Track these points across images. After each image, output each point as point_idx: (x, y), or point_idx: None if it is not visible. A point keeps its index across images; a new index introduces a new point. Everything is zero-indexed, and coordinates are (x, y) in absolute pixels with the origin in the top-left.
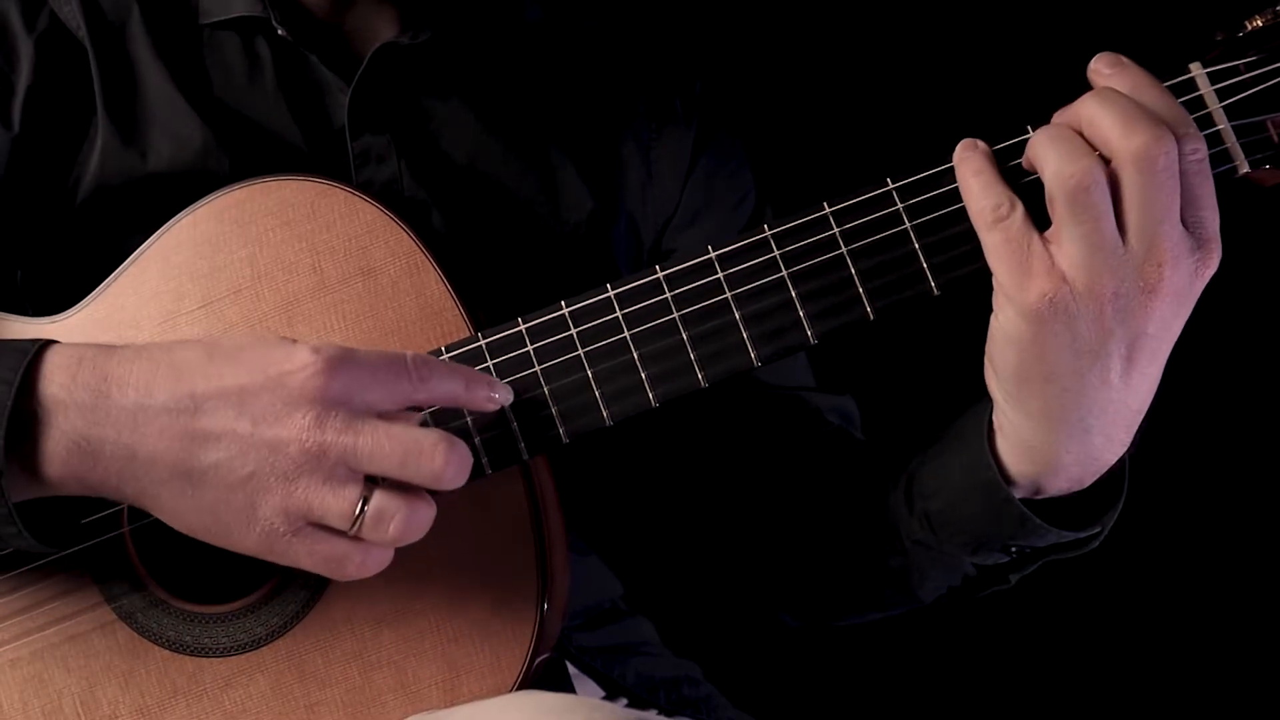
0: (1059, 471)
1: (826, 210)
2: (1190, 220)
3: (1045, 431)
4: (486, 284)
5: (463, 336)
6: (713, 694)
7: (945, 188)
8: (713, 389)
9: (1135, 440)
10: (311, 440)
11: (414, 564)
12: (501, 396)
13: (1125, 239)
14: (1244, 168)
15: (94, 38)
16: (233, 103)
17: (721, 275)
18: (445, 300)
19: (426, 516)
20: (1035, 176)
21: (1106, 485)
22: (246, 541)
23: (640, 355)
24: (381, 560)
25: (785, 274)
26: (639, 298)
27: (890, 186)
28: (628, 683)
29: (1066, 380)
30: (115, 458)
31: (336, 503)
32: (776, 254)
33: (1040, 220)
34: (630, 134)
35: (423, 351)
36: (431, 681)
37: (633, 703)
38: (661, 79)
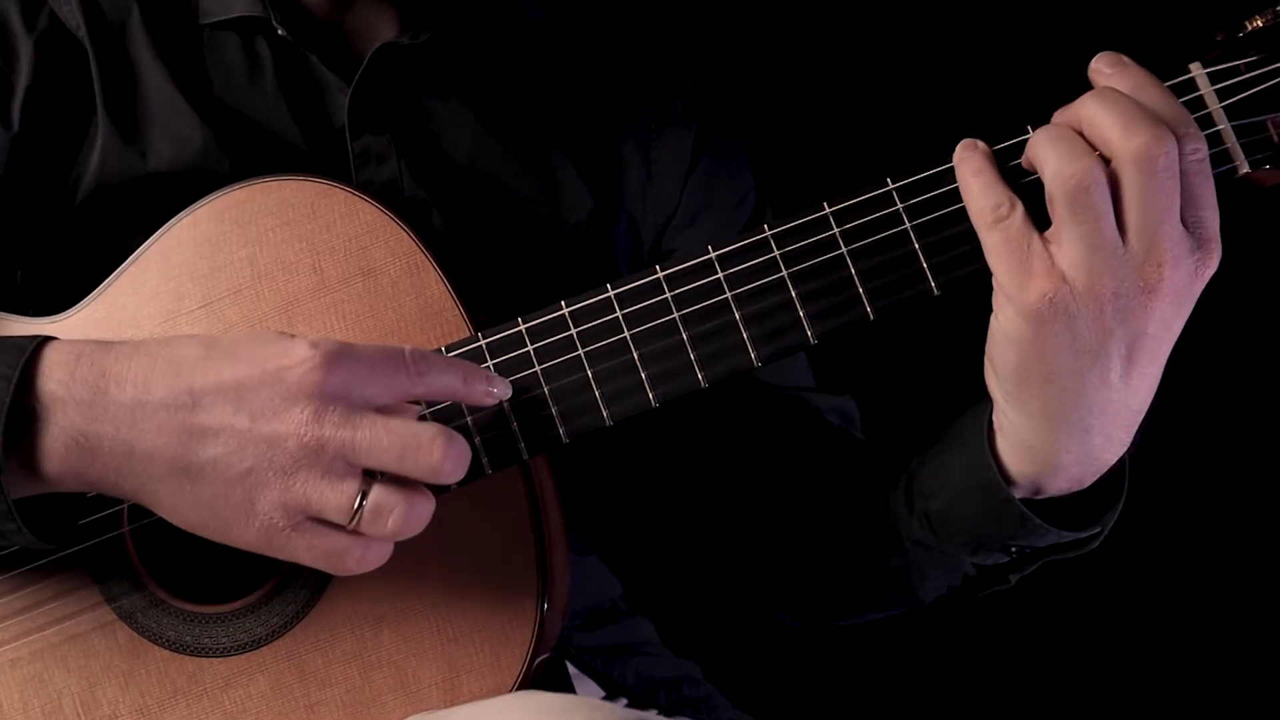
0: (1059, 471)
1: (826, 210)
2: (1190, 220)
3: (1045, 431)
4: (486, 284)
5: (463, 336)
6: (713, 694)
7: (945, 188)
8: (713, 389)
9: (1135, 440)
10: (310, 435)
11: (414, 564)
12: (500, 391)
13: (1125, 239)
14: (1244, 168)
15: (94, 37)
16: (233, 103)
17: (721, 275)
18: (445, 300)
19: (425, 510)
20: (1035, 176)
21: (1106, 485)
22: (245, 536)
23: (640, 355)
24: (381, 555)
25: (785, 274)
26: (639, 298)
27: (890, 186)
28: (628, 683)
29: (1066, 380)
30: (114, 453)
31: (335, 497)
32: (776, 254)
33: (1040, 220)
34: (630, 134)
35: None
36: (431, 681)
37: (633, 703)
38: (661, 79)
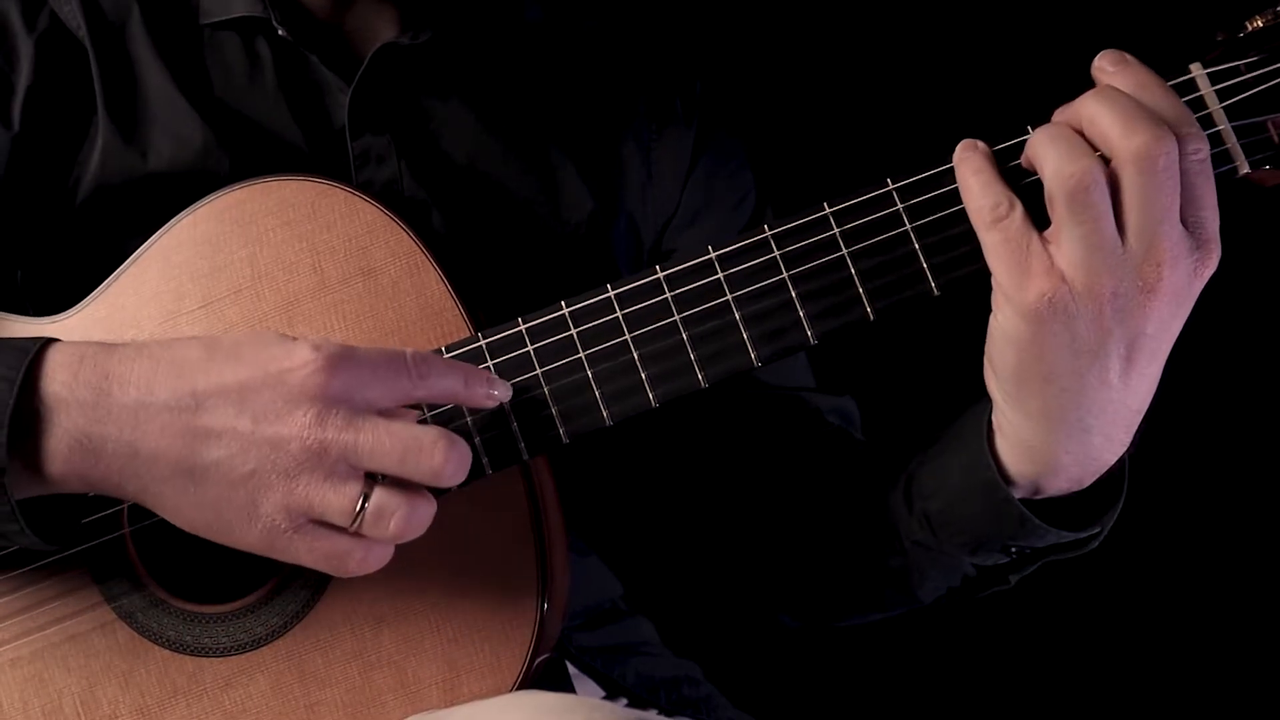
0: (1058, 471)
1: (826, 210)
2: (1190, 220)
3: (1044, 431)
4: (486, 284)
5: (463, 337)
6: (713, 694)
7: (945, 188)
8: (713, 389)
9: (1135, 440)
10: (312, 437)
11: (414, 564)
12: (500, 393)
13: (1124, 239)
14: (1244, 168)
15: (94, 37)
16: (233, 103)
17: (721, 276)
18: (445, 300)
19: (427, 513)
20: (1035, 177)
21: (1106, 485)
22: (248, 538)
23: (640, 355)
24: (382, 557)
25: (785, 274)
26: (639, 298)
27: (890, 187)
28: (628, 683)
29: (1065, 380)
30: (117, 455)
31: (337, 499)
32: (776, 254)
33: (1040, 220)
34: (630, 134)
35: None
36: (431, 681)
37: (633, 703)
38: (661, 79)
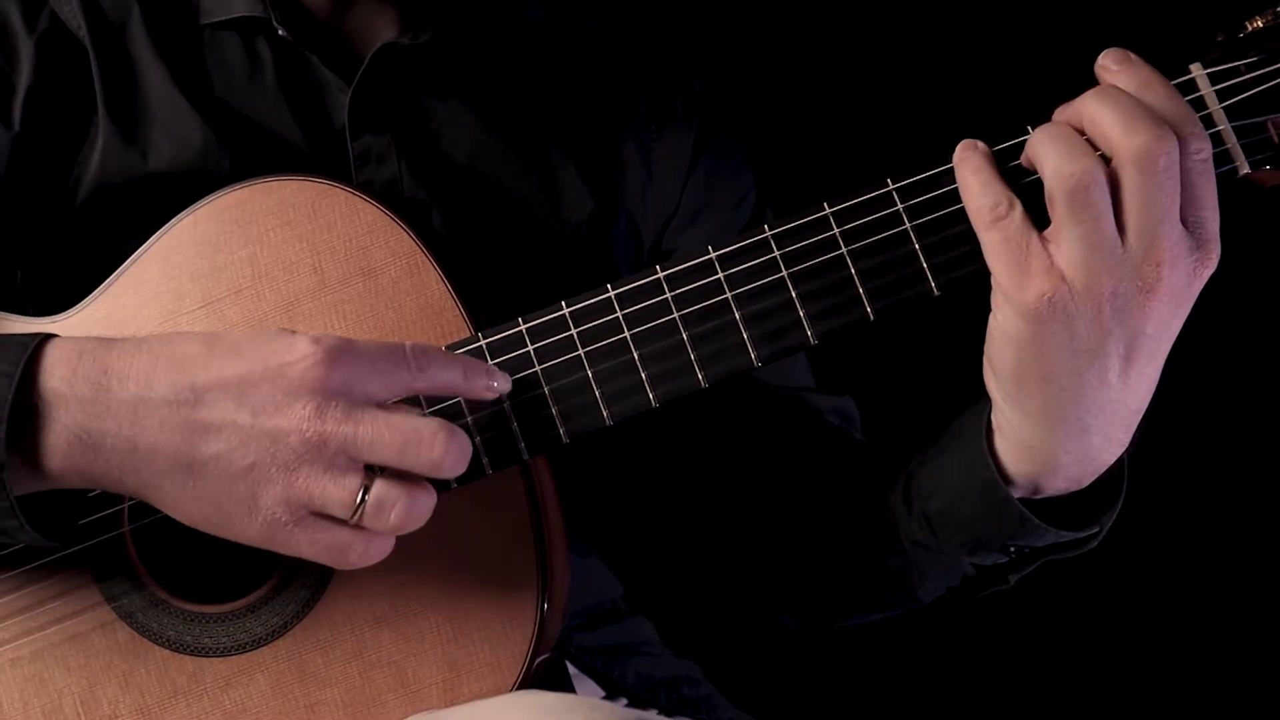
0: (1057, 471)
1: (826, 210)
2: (1190, 220)
3: (1044, 431)
4: (486, 284)
5: (463, 336)
6: (713, 694)
7: (945, 188)
8: (713, 389)
9: (1134, 440)
10: (312, 430)
11: (414, 563)
12: (500, 385)
13: (1124, 238)
14: (1244, 168)
15: (94, 37)
16: (233, 103)
17: (721, 275)
18: (445, 300)
19: (427, 504)
20: (1035, 176)
21: (1105, 485)
22: (248, 532)
23: (640, 355)
24: (383, 549)
25: (785, 274)
26: (639, 298)
27: (890, 187)
28: (628, 683)
29: (1065, 380)
30: (116, 450)
31: (337, 492)
32: (777, 254)
33: (1040, 220)
34: (630, 134)
35: None
36: (431, 681)
37: (633, 703)
38: (661, 79)
